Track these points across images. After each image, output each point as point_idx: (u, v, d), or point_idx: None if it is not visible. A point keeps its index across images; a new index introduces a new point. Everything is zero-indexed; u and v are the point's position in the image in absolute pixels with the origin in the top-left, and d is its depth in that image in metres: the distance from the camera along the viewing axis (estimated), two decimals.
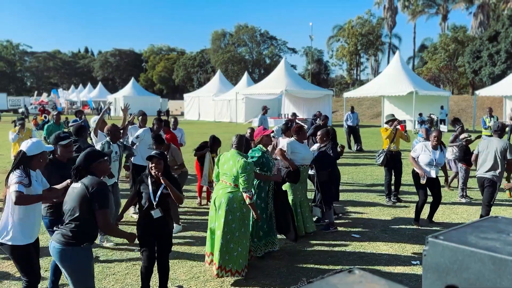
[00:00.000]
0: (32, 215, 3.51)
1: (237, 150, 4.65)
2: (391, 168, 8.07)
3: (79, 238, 3.17)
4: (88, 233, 3.25)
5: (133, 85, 48.67)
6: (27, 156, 3.50)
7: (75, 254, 3.16)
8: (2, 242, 3.43)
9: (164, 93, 73.23)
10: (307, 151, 6.17)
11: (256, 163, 5.13)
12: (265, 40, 68.99)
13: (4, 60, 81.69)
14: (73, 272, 3.18)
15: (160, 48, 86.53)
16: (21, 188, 3.34)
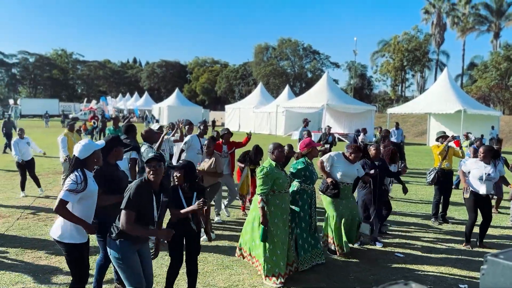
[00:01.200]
0: (89, 215, 3.60)
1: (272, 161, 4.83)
2: (442, 187, 7.68)
3: (120, 233, 3.37)
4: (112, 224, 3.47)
5: (177, 96, 49.94)
6: (80, 160, 3.57)
7: (114, 248, 3.40)
8: (58, 240, 3.55)
9: (206, 104, 74.56)
10: (350, 169, 5.67)
11: (298, 175, 5.09)
12: (307, 54, 68.97)
13: (58, 68, 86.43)
14: (116, 265, 3.45)
15: (204, 60, 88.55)
16: (66, 197, 3.40)
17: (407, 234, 6.90)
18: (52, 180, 10.79)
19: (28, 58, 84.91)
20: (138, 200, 3.28)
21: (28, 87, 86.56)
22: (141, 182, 3.37)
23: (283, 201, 4.74)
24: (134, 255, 3.43)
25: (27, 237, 6.10)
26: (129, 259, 3.41)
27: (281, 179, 4.68)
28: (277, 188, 4.66)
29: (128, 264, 3.39)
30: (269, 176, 4.58)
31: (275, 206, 4.68)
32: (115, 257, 3.40)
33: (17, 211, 7.57)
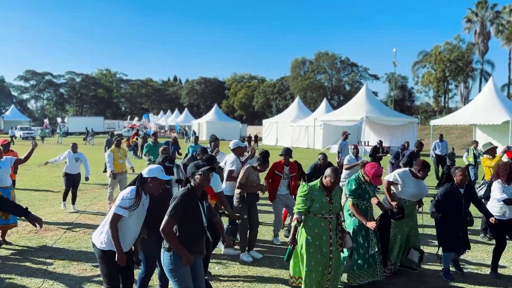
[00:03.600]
0: (127, 226, 3.63)
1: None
2: None
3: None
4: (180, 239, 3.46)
5: (215, 111, 50.82)
6: (142, 177, 3.68)
7: (165, 257, 3.48)
8: (94, 243, 3.68)
9: (244, 118, 75.32)
10: (420, 188, 5.37)
11: (353, 193, 5.04)
12: (345, 67, 68.44)
13: (103, 87, 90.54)
14: (169, 275, 3.50)
15: (242, 76, 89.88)
16: (119, 211, 3.54)
17: None
18: (97, 194, 11.20)
19: (74, 78, 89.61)
20: (183, 208, 3.37)
21: (74, 105, 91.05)
22: (188, 191, 3.48)
23: (317, 226, 4.45)
24: (186, 267, 3.49)
25: (73, 249, 6.34)
26: (181, 270, 3.47)
27: (319, 204, 4.42)
28: (312, 210, 4.45)
29: (180, 276, 3.45)
30: (307, 196, 4.43)
31: (307, 228, 4.49)
32: (168, 269, 3.48)
33: (64, 224, 7.89)
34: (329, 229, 4.47)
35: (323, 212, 4.43)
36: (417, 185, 5.33)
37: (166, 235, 3.35)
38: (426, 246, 6.57)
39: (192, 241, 3.48)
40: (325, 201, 4.43)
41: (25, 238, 6.94)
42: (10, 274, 5.27)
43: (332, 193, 4.50)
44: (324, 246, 4.42)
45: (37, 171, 15.86)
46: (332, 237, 4.48)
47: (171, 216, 3.35)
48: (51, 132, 52.29)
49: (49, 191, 11.65)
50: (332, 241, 4.47)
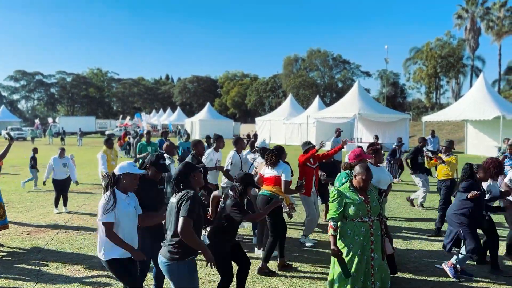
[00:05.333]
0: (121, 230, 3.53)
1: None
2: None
3: (183, 253, 3.30)
4: (188, 248, 3.32)
5: (208, 110, 50.68)
6: (114, 175, 3.60)
7: (180, 269, 3.31)
8: (100, 257, 3.59)
9: (237, 117, 75.23)
10: (381, 173, 5.45)
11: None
12: (337, 64, 68.56)
13: (94, 86, 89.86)
14: (180, 285, 3.34)
15: (234, 74, 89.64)
16: (106, 219, 3.44)
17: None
18: (89, 195, 11.12)
19: (65, 77, 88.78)
20: (197, 209, 3.31)
21: (66, 105, 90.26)
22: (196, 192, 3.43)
23: (357, 232, 4.00)
24: (197, 274, 3.48)
25: (66, 251, 6.28)
26: (196, 278, 3.43)
27: (355, 206, 3.99)
28: (349, 215, 4.01)
29: (195, 281, 3.42)
30: (338, 201, 4.03)
31: (345, 236, 4.04)
32: (185, 280, 3.32)
33: (56, 225, 7.82)
34: (371, 233, 4.02)
35: (361, 215, 3.99)
36: (380, 172, 5.45)
37: (187, 237, 3.20)
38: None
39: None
40: (360, 202, 4.01)
41: (17, 239, 6.86)
42: (2, 276, 5.21)
43: (367, 191, 4.11)
44: (366, 253, 4.00)
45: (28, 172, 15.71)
46: (374, 243, 4.02)
47: (189, 217, 3.22)
48: (43, 132, 51.78)
49: (41, 191, 11.54)
50: (374, 247, 4.02)
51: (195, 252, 3.41)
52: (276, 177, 5.51)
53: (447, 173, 7.61)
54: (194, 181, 3.48)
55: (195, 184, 3.49)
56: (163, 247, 3.42)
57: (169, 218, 3.42)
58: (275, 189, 5.49)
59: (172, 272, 3.32)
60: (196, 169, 3.57)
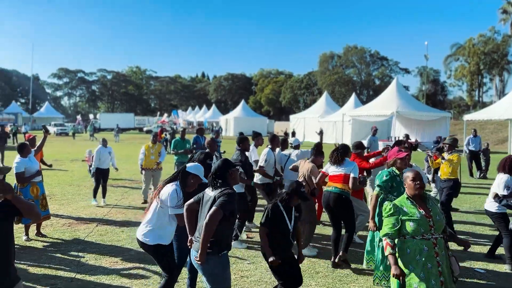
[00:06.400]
0: (166, 220, 3.82)
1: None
2: None
3: (216, 247, 3.34)
4: (223, 241, 3.40)
5: (243, 107, 50.93)
6: (185, 171, 3.84)
7: (213, 263, 3.34)
8: (142, 241, 3.82)
9: (271, 114, 75.24)
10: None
11: (384, 187, 4.82)
12: (375, 60, 67.17)
13: (133, 83, 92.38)
14: (212, 280, 3.37)
15: (269, 71, 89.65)
16: (177, 211, 3.74)
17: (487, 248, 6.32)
18: (128, 189, 11.43)
19: (106, 75, 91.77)
20: (232, 206, 3.35)
21: (106, 102, 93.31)
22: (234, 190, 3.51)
23: (418, 251, 3.36)
24: (229, 270, 3.55)
25: (105, 243, 6.48)
26: (228, 273, 3.48)
27: (414, 222, 3.39)
28: (407, 232, 3.42)
29: (227, 276, 3.46)
30: (394, 216, 3.47)
31: (404, 256, 3.42)
32: (220, 274, 3.37)
33: (96, 218, 8.09)
34: (435, 253, 3.37)
35: (422, 231, 3.38)
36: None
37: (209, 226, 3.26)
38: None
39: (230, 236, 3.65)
40: (420, 217, 3.40)
41: (58, 231, 7.15)
42: (45, 265, 5.44)
43: (428, 203, 3.52)
44: (433, 277, 3.31)
45: (70, 166, 16.34)
46: (441, 264, 3.35)
47: (221, 208, 3.29)
48: (84, 128, 53.71)
49: (82, 185, 11.97)
50: (442, 269, 3.35)
51: (228, 247, 3.45)
52: (345, 174, 5.55)
53: (449, 172, 7.18)
54: (230, 178, 3.50)
55: (231, 181, 3.51)
56: (195, 242, 3.44)
57: (203, 211, 3.44)
58: (344, 186, 5.55)
59: (205, 267, 3.34)
60: (233, 166, 3.60)
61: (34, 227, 6.84)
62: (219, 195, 3.33)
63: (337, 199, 5.51)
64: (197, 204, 3.60)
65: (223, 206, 3.25)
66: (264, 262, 5.59)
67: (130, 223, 7.69)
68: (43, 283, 4.85)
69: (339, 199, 5.51)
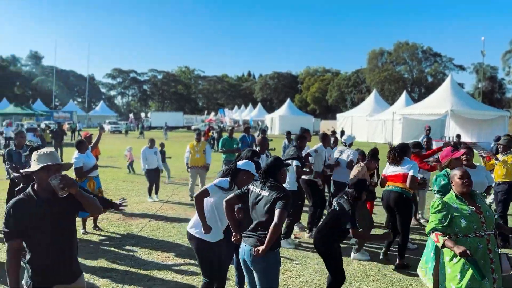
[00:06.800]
0: (221, 212, 3.76)
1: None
2: None
3: (274, 244, 3.33)
4: (279, 238, 3.45)
5: (288, 106, 50.76)
6: (237, 168, 3.86)
7: (269, 259, 3.34)
8: (191, 233, 3.86)
9: (317, 113, 74.45)
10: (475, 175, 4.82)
11: (443, 191, 4.54)
12: (427, 57, 64.60)
13: (182, 83, 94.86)
14: (263, 275, 3.36)
15: (315, 69, 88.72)
16: (211, 189, 3.77)
17: None
18: (178, 186, 11.74)
19: (157, 75, 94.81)
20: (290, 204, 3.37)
21: (157, 101, 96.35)
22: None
23: (473, 249, 3.27)
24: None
25: (157, 238, 6.68)
26: (279, 270, 3.49)
27: (466, 219, 3.32)
28: (460, 230, 3.34)
29: (278, 273, 3.48)
30: (443, 213, 3.39)
31: (453, 256, 3.34)
32: (272, 270, 3.37)
33: (148, 214, 8.37)
34: (489, 250, 3.31)
35: (475, 228, 3.31)
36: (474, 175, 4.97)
37: (279, 228, 3.26)
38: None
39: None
40: (471, 213, 3.34)
41: (113, 225, 7.45)
42: (101, 258, 5.69)
43: (476, 200, 3.47)
44: (487, 275, 3.20)
45: (123, 163, 17.01)
46: (494, 261, 3.31)
47: (286, 209, 3.29)
48: (136, 126, 55.82)
49: (135, 181, 12.42)
50: (494, 266, 3.31)
51: (279, 244, 3.46)
52: (405, 174, 5.43)
53: (504, 174, 6.61)
54: (280, 176, 3.50)
55: (281, 180, 3.50)
56: (248, 238, 3.44)
57: (256, 209, 3.42)
58: (404, 186, 5.43)
59: (258, 261, 3.33)
60: (285, 165, 3.58)
61: (91, 220, 7.17)
62: (278, 196, 3.30)
63: (398, 199, 5.39)
64: (237, 199, 3.58)
65: (287, 207, 3.27)
66: (313, 263, 5.55)
67: (180, 219, 7.87)
68: (99, 275, 5.07)
69: (399, 198, 5.38)
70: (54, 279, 2.72)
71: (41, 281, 2.69)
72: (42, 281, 2.69)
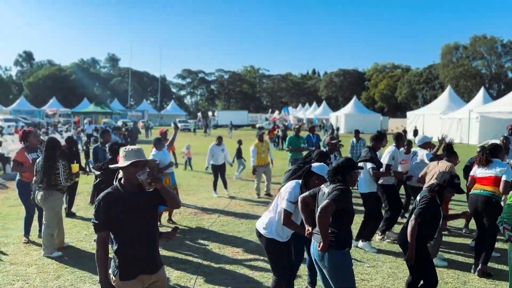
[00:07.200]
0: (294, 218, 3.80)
1: None
2: None
3: (340, 242, 3.32)
4: (346, 239, 3.37)
5: (354, 103, 49.52)
6: (310, 171, 3.80)
7: (336, 257, 3.31)
8: (262, 233, 3.87)
9: (385, 110, 71.88)
10: None
11: None
12: (508, 51, 59.73)
13: (247, 82, 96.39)
14: (336, 274, 3.34)
15: (384, 66, 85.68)
16: (289, 207, 3.68)
17: None
18: (245, 183, 11.97)
19: (223, 75, 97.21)
20: (344, 202, 3.30)
21: (223, 100, 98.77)
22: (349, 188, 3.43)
23: None
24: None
25: (227, 233, 6.87)
26: (352, 271, 3.42)
27: None
28: None
29: (351, 274, 3.40)
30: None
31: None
32: (342, 269, 3.33)
33: (218, 209, 8.62)
34: None
35: None
36: None
37: (321, 218, 3.24)
38: None
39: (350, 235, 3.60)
40: None
41: (186, 219, 7.78)
42: (175, 250, 5.96)
43: None
44: None
45: (193, 159, 17.65)
46: None
47: (333, 201, 3.22)
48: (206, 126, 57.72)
49: (204, 177, 12.85)
50: None
51: (349, 245, 3.38)
52: (495, 177, 5.14)
53: None
54: (350, 178, 3.42)
55: (350, 181, 3.42)
56: (315, 235, 3.43)
57: (318, 206, 3.41)
58: (494, 189, 5.14)
59: (326, 260, 3.31)
60: (357, 167, 3.50)
61: (165, 214, 7.54)
62: (332, 190, 3.28)
63: (486, 203, 5.07)
64: (311, 197, 3.57)
65: (336, 200, 3.19)
66: (386, 267, 5.39)
67: (248, 215, 8.02)
68: (174, 267, 5.32)
69: (488, 203, 5.06)
70: (138, 269, 2.88)
71: (126, 270, 2.84)
72: (128, 270, 2.85)
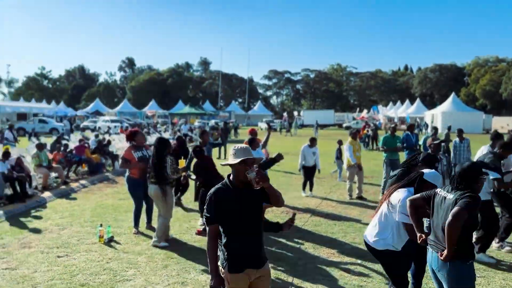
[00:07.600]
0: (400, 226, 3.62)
1: None
2: None
3: (465, 253, 3.12)
4: (470, 249, 3.15)
5: (453, 100, 46.18)
6: (423, 179, 3.62)
7: (460, 268, 3.11)
8: (374, 246, 3.73)
9: (488, 108, 65.80)
10: None
11: None
12: None
13: (334, 81, 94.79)
14: (455, 285, 3.14)
15: (486, 59, 78.51)
16: (406, 220, 3.51)
17: None
18: (335, 183, 11.77)
19: (309, 74, 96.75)
20: (474, 211, 3.11)
21: (309, 100, 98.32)
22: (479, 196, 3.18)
23: None
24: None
25: (320, 233, 6.81)
26: (473, 283, 3.20)
27: None
28: None
29: (473, 286, 3.20)
30: None
31: None
32: (462, 278, 3.11)
33: (309, 209, 8.59)
34: None
35: None
36: None
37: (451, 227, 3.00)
38: None
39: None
40: None
41: (278, 217, 7.83)
42: (272, 247, 6.04)
43: None
44: None
45: None
46: None
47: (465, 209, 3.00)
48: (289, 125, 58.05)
49: (292, 177, 12.89)
50: None
51: (474, 256, 3.15)
52: None
53: None
54: (476, 185, 3.15)
55: (477, 188, 3.14)
56: (433, 244, 3.23)
57: (439, 213, 3.20)
58: None
59: (448, 271, 3.11)
60: (484, 174, 3.24)
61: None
62: (462, 196, 3.03)
63: None
64: (423, 200, 3.37)
65: (468, 207, 2.95)
66: (498, 278, 4.99)
67: (340, 217, 7.87)
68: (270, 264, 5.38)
69: None
70: (245, 263, 2.98)
71: (234, 263, 2.96)
72: (235, 263, 2.96)
